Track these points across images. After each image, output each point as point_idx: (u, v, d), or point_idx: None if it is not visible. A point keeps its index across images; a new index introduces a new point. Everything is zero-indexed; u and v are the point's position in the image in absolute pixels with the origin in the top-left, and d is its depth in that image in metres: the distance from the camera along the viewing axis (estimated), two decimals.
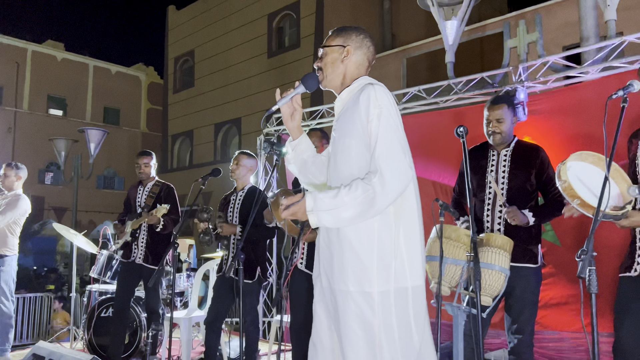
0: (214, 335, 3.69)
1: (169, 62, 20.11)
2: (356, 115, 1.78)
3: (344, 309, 1.76)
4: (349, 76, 1.91)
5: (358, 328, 1.73)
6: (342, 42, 1.90)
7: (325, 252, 1.86)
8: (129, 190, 4.35)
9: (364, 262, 1.74)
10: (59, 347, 3.01)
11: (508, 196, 2.73)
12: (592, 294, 1.78)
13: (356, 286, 1.74)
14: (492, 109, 2.79)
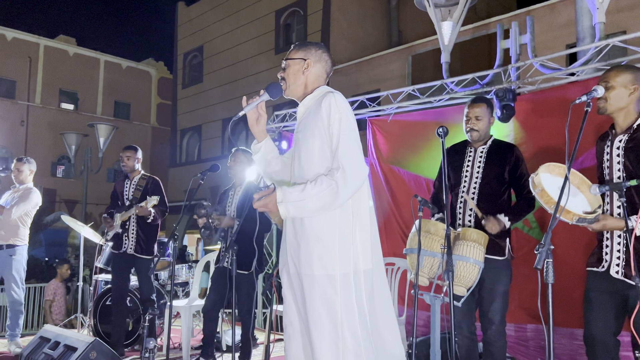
0: (211, 323, 3.88)
1: (178, 58, 20.35)
2: (319, 119, 2.00)
3: (310, 292, 1.97)
4: (310, 86, 2.12)
5: (322, 308, 1.95)
6: (303, 55, 2.11)
7: (293, 242, 2.06)
8: (116, 184, 4.54)
9: (327, 248, 1.97)
10: (64, 331, 3.22)
11: (481, 190, 2.88)
12: (548, 284, 1.94)
13: (321, 270, 1.96)
14: (472, 107, 2.94)
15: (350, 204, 2.00)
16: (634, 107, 2.29)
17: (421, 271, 2.64)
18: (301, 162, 2.05)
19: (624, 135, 2.28)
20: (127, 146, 4.51)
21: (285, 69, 2.14)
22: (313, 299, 1.96)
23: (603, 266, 2.28)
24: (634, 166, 2.21)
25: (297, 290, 2.07)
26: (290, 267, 2.08)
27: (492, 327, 2.83)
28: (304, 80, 2.12)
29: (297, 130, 2.16)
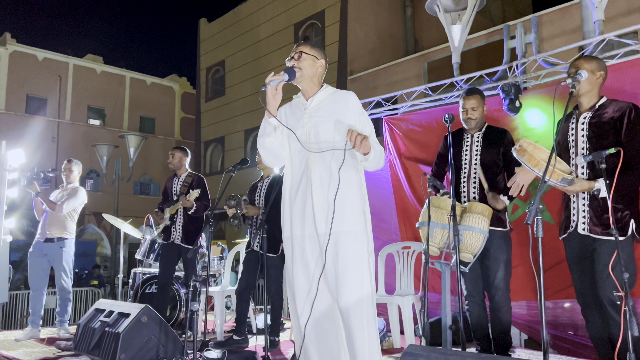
0: (243, 303, 4.24)
1: (200, 72, 21.03)
2: (346, 109, 2.49)
3: (344, 247, 2.37)
4: (319, 81, 2.57)
5: (354, 260, 2.38)
6: (317, 54, 2.56)
7: (323, 203, 2.42)
8: (166, 182, 4.97)
9: (358, 207, 2.46)
10: (117, 302, 3.61)
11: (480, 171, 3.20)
12: (538, 238, 2.25)
13: (361, 226, 2.44)
14: (467, 99, 3.27)
15: (361, 175, 2.57)
16: (597, 92, 2.68)
17: (432, 241, 2.96)
18: (333, 137, 2.46)
19: (587, 113, 2.65)
20: (175, 146, 4.96)
21: (300, 59, 2.53)
22: (347, 252, 2.37)
23: (572, 226, 2.60)
24: (596, 138, 2.56)
25: (323, 248, 2.39)
26: (319, 227, 2.41)
27: (498, 293, 3.12)
28: (316, 76, 2.56)
29: (312, 115, 2.53)
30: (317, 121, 2.51)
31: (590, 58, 2.73)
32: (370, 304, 2.40)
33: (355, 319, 2.35)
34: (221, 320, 4.62)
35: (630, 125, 2.55)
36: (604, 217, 2.52)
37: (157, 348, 3.10)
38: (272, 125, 2.51)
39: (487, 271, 3.17)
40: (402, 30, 16.73)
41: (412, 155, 5.32)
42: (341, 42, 15.41)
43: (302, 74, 2.51)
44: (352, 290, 2.35)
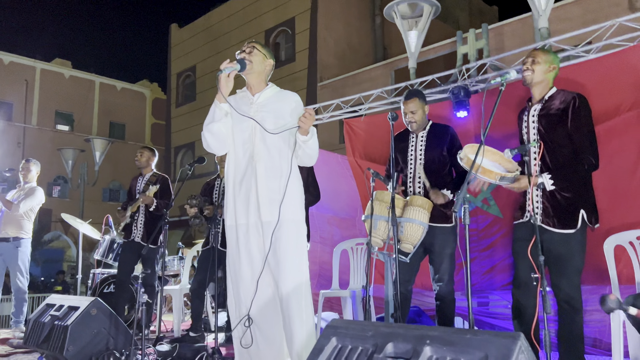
0: (198, 300, 4.29)
1: (171, 78, 20.94)
2: (290, 106, 2.64)
3: (287, 235, 2.50)
4: (265, 79, 2.72)
5: (294, 247, 2.53)
6: (267, 54, 2.69)
7: (269, 196, 2.54)
8: (131, 181, 5.00)
9: (298, 197, 2.61)
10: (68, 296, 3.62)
11: (425, 170, 3.34)
12: (465, 225, 2.40)
13: (299, 215, 2.61)
14: (406, 103, 3.41)
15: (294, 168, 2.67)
16: (548, 83, 2.80)
17: (375, 234, 3.08)
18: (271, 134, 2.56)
19: (538, 104, 2.78)
20: (144, 146, 5.03)
21: (251, 53, 2.64)
22: (290, 239, 2.51)
23: (526, 216, 2.74)
24: (545, 129, 2.70)
25: (266, 237, 2.51)
26: (263, 216, 2.52)
27: (442, 285, 3.26)
28: (264, 73, 2.70)
29: (259, 109, 2.64)
30: (263, 116, 2.61)
31: (547, 51, 2.87)
32: (307, 290, 2.54)
33: (294, 303, 2.47)
34: (179, 317, 4.66)
35: (575, 115, 2.65)
36: (554, 209, 2.64)
37: (107, 340, 3.13)
38: (223, 110, 2.59)
39: (433, 264, 3.31)
40: (372, 39, 17.03)
41: (371, 155, 5.47)
42: (311, 49, 15.59)
43: (252, 67, 2.62)
44: (292, 277, 2.48)
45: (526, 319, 2.46)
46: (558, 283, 2.57)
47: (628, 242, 3.04)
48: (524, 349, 1.37)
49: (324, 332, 1.78)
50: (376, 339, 1.63)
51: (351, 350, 1.67)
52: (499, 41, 11.34)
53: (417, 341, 1.53)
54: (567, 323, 2.54)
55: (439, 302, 3.33)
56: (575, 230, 2.57)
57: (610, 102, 3.69)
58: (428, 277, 3.44)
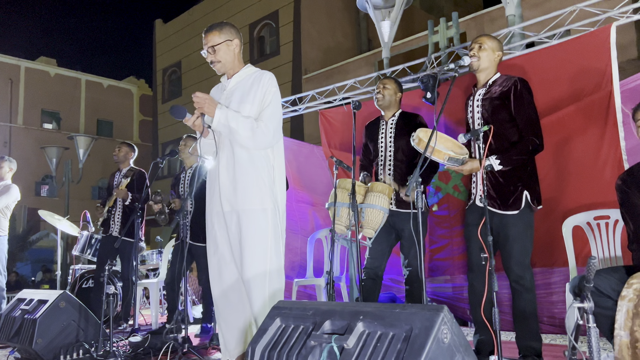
0: (173, 293, 4.32)
1: (157, 74, 20.84)
2: (259, 90, 2.55)
3: (247, 223, 2.48)
4: (238, 60, 2.70)
5: (256, 235, 2.47)
6: (228, 37, 2.63)
7: (227, 184, 2.56)
8: (110, 177, 5.02)
9: (260, 187, 2.52)
10: (39, 291, 3.64)
11: (395, 157, 3.38)
12: (418, 209, 2.45)
13: (258, 205, 2.50)
14: (381, 81, 3.47)
15: (271, 157, 2.59)
16: (493, 69, 2.84)
17: (339, 220, 3.13)
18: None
19: (482, 89, 2.83)
20: (121, 142, 5.06)
21: (214, 53, 2.61)
22: (250, 229, 2.46)
23: (472, 199, 2.80)
24: (488, 113, 2.75)
25: (230, 226, 2.53)
26: (224, 206, 2.54)
27: (411, 270, 3.31)
28: (234, 57, 2.64)
29: (229, 96, 2.63)
30: (230, 102, 2.60)
31: (492, 37, 2.91)
32: (275, 278, 2.50)
33: (258, 292, 2.47)
34: (156, 310, 4.70)
35: (517, 98, 2.69)
36: (497, 191, 2.70)
37: (76, 332, 3.16)
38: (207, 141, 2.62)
39: (402, 249, 3.36)
40: (356, 31, 17.02)
41: (345, 146, 5.51)
42: (295, 41, 15.58)
43: (222, 64, 2.61)
44: (255, 266, 2.47)
45: (479, 299, 2.52)
46: (507, 264, 2.64)
47: (586, 222, 3.12)
48: (446, 321, 1.43)
49: (269, 314, 1.83)
50: (315, 317, 1.69)
51: (293, 329, 1.72)
52: (479, 30, 11.40)
53: (351, 317, 1.59)
54: (519, 302, 2.61)
55: (408, 286, 3.38)
56: (519, 212, 2.62)
57: (573, 86, 3.75)
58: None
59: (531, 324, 2.61)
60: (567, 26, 4.01)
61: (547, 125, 3.54)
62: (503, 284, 3.10)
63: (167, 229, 18.06)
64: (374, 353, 1.45)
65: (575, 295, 2.06)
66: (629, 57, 8.93)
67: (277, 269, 2.52)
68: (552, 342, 3.43)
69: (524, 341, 2.63)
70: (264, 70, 2.66)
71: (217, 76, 11.54)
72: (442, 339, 1.40)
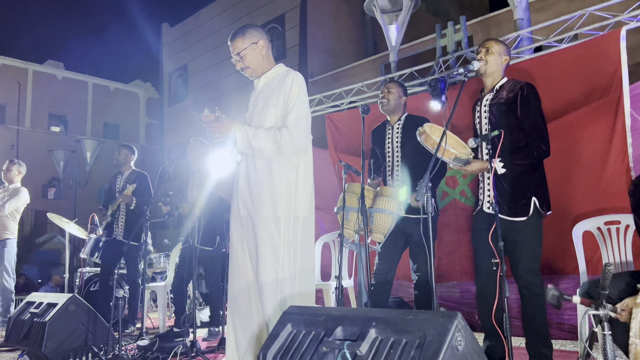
0: (180, 297, 4.33)
1: (164, 77, 20.94)
2: (282, 91, 2.46)
3: (259, 230, 2.42)
4: (267, 61, 2.60)
5: (268, 243, 2.40)
6: (252, 40, 2.54)
7: (245, 189, 2.51)
8: (110, 180, 5.03)
9: (274, 194, 2.42)
10: (48, 294, 3.66)
11: (403, 162, 3.36)
12: (428, 213, 2.44)
13: (270, 211, 2.41)
14: (385, 85, 3.46)
15: (295, 162, 2.47)
16: (500, 73, 2.83)
17: (347, 225, 3.13)
18: (261, 124, 2.47)
19: (489, 94, 2.81)
20: (121, 144, 5.04)
21: (242, 59, 2.53)
22: (262, 236, 2.40)
23: (480, 205, 2.78)
24: (496, 118, 2.74)
25: (247, 231, 2.49)
26: (241, 210, 2.50)
27: (420, 275, 3.29)
28: (262, 59, 2.56)
29: (256, 98, 2.59)
30: (256, 104, 2.55)
31: (499, 42, 2.89)
32: (287, 286, 2.41)
33: (268, 297, 2.41)
34: (163, 314, 4.70)
35: (523, 103, 2.67)
36: (505, 197, 2.68)
37: (85, 336, 3.17)
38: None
39: (412, 254, 3.35)
40: (362, 34, 17.04)
41: (352, 149, 5.50)
42: (301, 45, 15.61)
43: (252, 70, 2.54)
44: (266, 272, 2.40)
45: (489, 306, 2.50)
46: (516, 270, 2.62)
47: (596, 227, 3.09)
48: (460, 328, 1.42)
49: (280, 319, 1.83)
50: (327, 323, 1.68)
51: (305, 335, 1.72)
52: (486, 33, 11.37)
53: (364, 323, 1.58)
54: (529, 309, 2.59)
55: (417, 291, 3.37)
56: (527, 218, 2.60)
57: (582, 91, 3.74)
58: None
59: (541, 329, 2.60)
60: (576, 30, 4.00)
61: (556, 130, 3.54)
62: (511, 290, 3.09)
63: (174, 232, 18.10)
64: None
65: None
66: (638, 60, 8.88)
67: (290, 278, 2.41)
68: (562, 347, 3.41)
69: (535, 347, 2.61)
70: (290, 70, 2.55)
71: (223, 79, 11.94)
72: (456, 346, 1.39)
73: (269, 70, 2.58)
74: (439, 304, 4.55)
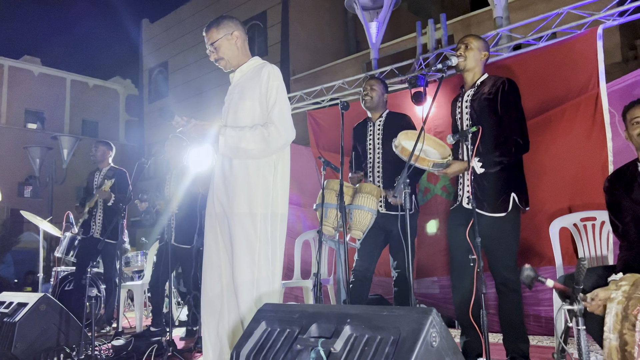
0: (157, 295, 4.25)
1: (144, 74, 20.67)
2: (257, 85, 2.40)
3: (235, 228, 2.35)
4: (242, 53, 2.54)
5: (244, 241, 2.34)
6: (227, 31, 2.49)
7: (220, 185, 2.45)
8: (88, 177, 4.93)
9: (251, 190, 2.36)
10: (18, 294, 3.56)
11: (384, 159, 3.34)
12: (406, 210, 2.42)
13: (245, 208, 2.34)
14: (367, 82, 3.45)
15: (274, 158, 2.41)
16: (480, 69, 2.83)
17: (326, 222, 3.10)
18: (236, 118, 2.42)
19: (470, 90, 2.81)
20: (97, 140, 4.93)
21: (216, 50, 2.47)
22: (237, 234, 2.33)
23: (458, 201, 2.78)
24: (477, 114, 2.73)
25: (222, 228, 2.42)
26: (216, 207, 2.44)
27: (400, 271, 3.28)
28: (237, 51, 2.50)
29: (232, 92, 2.52)
30: (232, 98, 2.49)
31: (478, 37, 2.89)
32: (263, 286, 2.35)
33: (243, 296, 2.33)
34: (140, 313, 4.62)
35: (504, 99, 2.66)
36: (484, 193, 2.68)
37: (57, 336, 3.09)
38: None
39: (392, 251, 3.33)
40: (344, 32, 17.04)
41: (334, 147, 5.48)
42: (283, 42, 15.54)
43: (226, 61, 2.48)
44: (242, 272, 2.33)
45: (466, 302, 2.50)
46: (494, 266, 2.62)
47: (572, 224, 3.12)
48: (435, 324, 1.40)
49: (254, 317, 1.79)
50: (302, 320, 1.65)
51: (279, 333, 1.68)
52: (466, 32, 11.45)
53: (338, 320, 1.55)
54: (506, 304, 2.59)
55: (396, 288, 3.36)
56: (506, 214, 2.60)
57: (560, 88, 3.76)
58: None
59: (518, 325, 2.60)
60: (554, 29, 4.03)
61: (535, 127, 3.56)
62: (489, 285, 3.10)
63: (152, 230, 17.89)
64: (362, 357, 1.41)
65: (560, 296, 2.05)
66: (614, 60, 9.04)
67: (266, 276, 2.36)
68: (539, 343, 3.43)
69: (512, 343, 2.62)
70: (265, 62, 2.49)
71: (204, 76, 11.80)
72: (430, 342, 1.37)
73: (244, 63, 2.52)
74: (420, 301, 4.56)
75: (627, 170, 2.25)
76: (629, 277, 1.67)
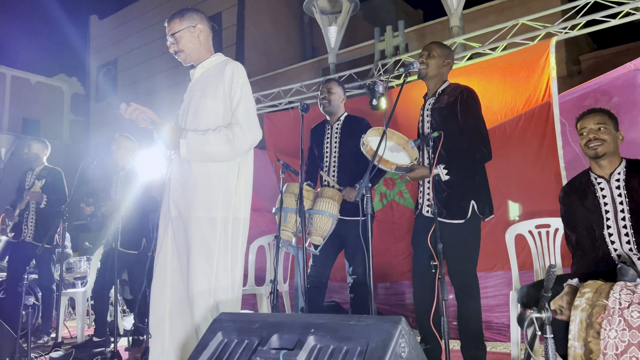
0: (102, 303, 4.00)
1: (91, 72, 19.87)
2: (220, 82, 2.26)
3: (192, 232, 2.20)
4: (205, 48, 2.43)
5: (201, 247, 2.18)
6: (190, 23, 2.37)
7: (177, 187, 2.29)
8: (20, 176, 4.60)
9: (212, 193, 2.21)
10: None
11: (340, 162, 3.29)
12: (368, 214, 2.37)
13: (204, 212, 2.20)
14: (325, 85, 3.40)
15: (238, 160, 2.28)
16: (442, 77, 2.82)
17: (286, 226, 3.00)
18: (196, 117, 2.28)
19: (432, 98, 2.80)
20: (32, 138, 4.62)
21: (177, 42, 2.34)
22: (194, 239, 2.17)
23: (419, 208, 2.76)
24: (437, 122, 2.73)
25: (177, 233, 2.25)
26: (172, 211, 2.27)
27: (356, 277, 3.22)
28: (199, 45, 2.37)
29: (192, 89, 2.38)
30: (192, 96, 2.35)
31: (442, 45, 2.88)
32: (220, 295, 2.21)
33: (199, 306, 2.18)
34: (82, 322, 4.35)
35: (463, 107, 2.66)
36: (443, 201, 2.65)
37: None
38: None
39: (347, 257, 3.27)
40: (300, 37, 17.01)
41: (291, 150, 5.39)
42: (238, 45, 15.32)
43: (186, 54, 2.35)
44: (198, 281, 2.17)
45: (427, 308, 2.47)
46: (453, 272, 2.61)
47: (527, 231, 3.17)
48: (404, 333, 1.34)
49: (209, 327, 1.67)
50: (262, 330, 1.55)
51: (237, 344, 1.57)
52: (421, 42, 11.67)
53: (302, 330, 1.46)
54: (465, 311, 2.58)
55: (353, 294, 3.29)
56: (465, 221, 2.59)
57: (514, 97, 3.85)
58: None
59: (476, 332, 2.59)
60: (509, 39, 4.12)
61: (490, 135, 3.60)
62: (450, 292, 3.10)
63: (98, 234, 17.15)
64: None
65: (524, 305, 2.05)
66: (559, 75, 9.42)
67: (225, 284, 2.21)
68: (493, 349, 3.46)
69: (469, 350, 2.61)
70: (229, 59, 2.38)
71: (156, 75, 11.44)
72: (400, 353, 1.31)
73: (206, 59, 2.40)
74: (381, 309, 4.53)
75: (581, 179, 2.29)
76: (592, 284, 1.67)
